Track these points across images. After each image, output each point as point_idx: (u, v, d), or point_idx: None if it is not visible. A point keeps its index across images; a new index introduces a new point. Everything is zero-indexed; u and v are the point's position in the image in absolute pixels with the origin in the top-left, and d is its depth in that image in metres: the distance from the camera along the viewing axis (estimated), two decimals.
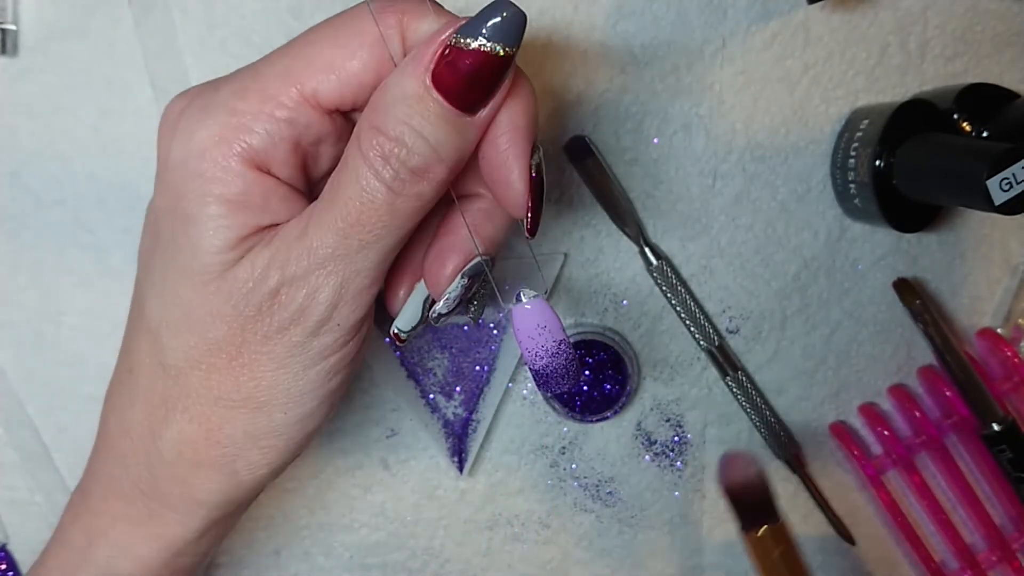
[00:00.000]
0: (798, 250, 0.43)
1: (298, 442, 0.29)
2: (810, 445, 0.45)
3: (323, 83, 0.26)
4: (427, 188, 0.26)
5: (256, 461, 0.29)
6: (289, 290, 0.26)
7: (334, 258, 0.26)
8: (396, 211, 0.25)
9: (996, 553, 0.44)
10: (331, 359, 0.28)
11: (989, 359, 0.44)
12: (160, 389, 0.28)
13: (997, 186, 0.33)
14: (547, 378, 0.29)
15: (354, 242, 0.26)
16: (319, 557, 0.44)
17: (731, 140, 0.42)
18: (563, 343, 0.28)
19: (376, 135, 0.25)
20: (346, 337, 0.28)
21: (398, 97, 0.25)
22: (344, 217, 0.25)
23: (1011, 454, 0.41)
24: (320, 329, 0.27)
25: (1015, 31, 0.42)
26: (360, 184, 0.25)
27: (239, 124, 0.26)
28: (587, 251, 0.43)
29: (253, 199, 0.26)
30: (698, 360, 0.44)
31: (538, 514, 0.45)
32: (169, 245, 0.27)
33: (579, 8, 0.40)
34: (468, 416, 0.44)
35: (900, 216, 0.39)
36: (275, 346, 0.27)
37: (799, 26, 0.41)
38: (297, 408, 0.28)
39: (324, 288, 0.26)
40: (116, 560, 0.30)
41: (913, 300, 0.42)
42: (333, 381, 0.29)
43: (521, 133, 0.26)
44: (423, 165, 0.25)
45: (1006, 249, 0.44)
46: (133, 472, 0.29)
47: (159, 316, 0.28)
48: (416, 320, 0.31)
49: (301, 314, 0.26)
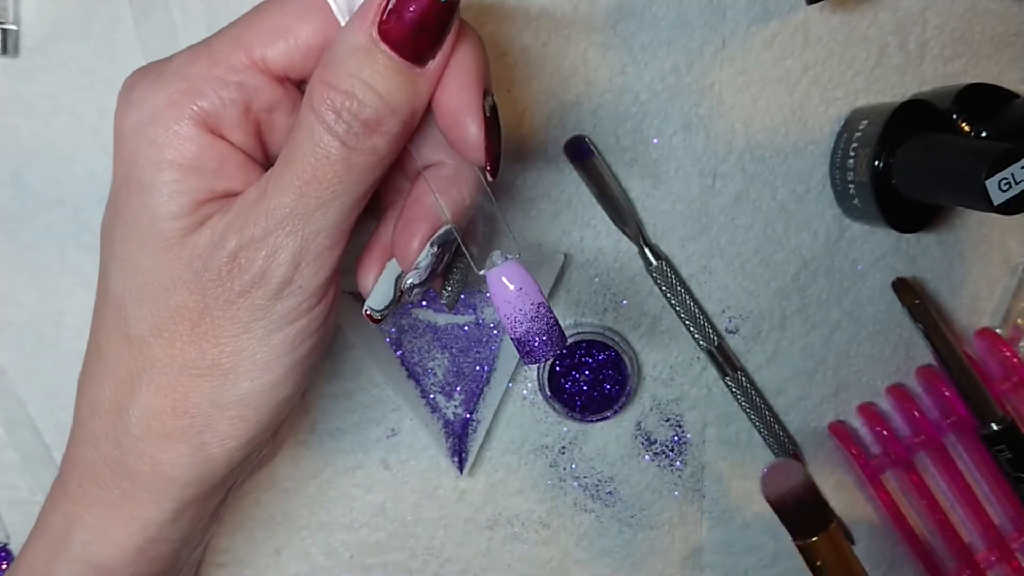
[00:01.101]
0: (797, 250, 0.43)
1: (268, 413, 0.29)
2: (809, 445, 0.45)
3: (272, 48, 0.26)
4: (381, 141, 0.26)
5: (225, 432, 0.29)
6: (248, 252, 0.26)
7: (292, 217, 0.26)
8: (351, 166, 0.26)
9: (995, 553, 0.44)
10: (296, 324, 0.28)
11: (988, 359, 0.44)
12: (126, 361, 0.28)
13: (996, 186, 0.33)
14: (529, 345, 0.28)
15: (311, 200, 0.26)
16: (319, 557, 0.44)
17: (731, 140, 0.42)
18: (541, 305, 0.28)
19: (327, 90, 0.25)
20: (311, 300, 0.27)
21: (347, 52, 0.25)
22: (300, 175, 0.25)
23: (1010, 454, 0.41)
24: (282, 291, 0.27)
25: (1014, 31, 0.42)
26: (314, 140, 0.25)
27: (189, 88, 0.26)
28: (587, 251, 0.43)
29: (207, 163, 0.26)
30: (698, 360, 0.44)
31: (538, 514, 0.45)
32: (127, 215, 0.27)
33: (579, 8, 0.40)
34: (468, 416, 0.44)
35: (899, 216, 0.39)
36: (237, 310, 0.27)
37: (799, 26, 0.41)
38: (264, 375, 0.28)
39: (283, 249, 0.26)
40: (91, 545, 0.30)
41: (912, 300, 0.42)
42: (301, 348, 0.28)
43: (471, 76, 0.27)
44: (375, 117, 0.25)
45: (1005, 249, 0.44)
46: (103, 451, 0.29)
47: (122, 287, 0.27)
48: (388, 298, 0.31)
49: (262, 276, 0.26)
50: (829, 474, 0.45)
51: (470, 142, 0.27)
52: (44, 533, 0.31)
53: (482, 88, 0.27)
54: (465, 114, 0.27)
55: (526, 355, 0.28)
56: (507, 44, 0.41)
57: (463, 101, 0.27)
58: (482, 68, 0.27)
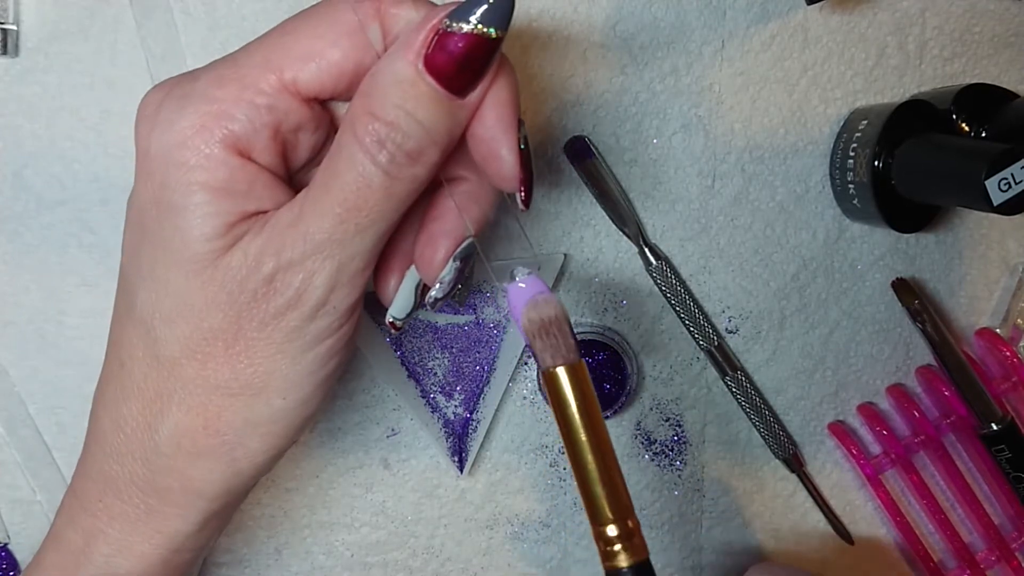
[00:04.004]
0: (797, 250, 0.43)
1: (296, 427, 0.29)
2: (809, 444, 0.45)
3: (302, 71, 0.26)
4: (422, 171, 0.26)
5: (256, 448, 0.29)
6: (285, 275, 0.26)
7: (331, 243, 0.26)
8: (392, 195, 0.26)
9: (995, 552, 0.44)
10: (327, 342, 0.28)
11: (987, 359, 0.45)
12: (155, 381, 0.28)
13: (996, 186, 0.33)
14: None
15: (351, 226, 0.26)
16: (320, 556, 0.44)
17: (730, 140, 0.42)
18: None
19: (371, 120, 0.25)
20: (341, 320, 0.28)
21: (391, 82, 0.25)
22: (341, 202, 0.25)
23: (1009, 453, 0.42)
24: (316, 313, 0.27)
25: (1013, 32, 0.42)
26: (357, 169, 0.25)
27: (219, 111, 0.26)
28: (587, 251, 0.43)
29: (238, 185, 0.26)
30: (697, 360, 0.44)
31: (538, 513, 0.45)
32: (157, 236, 0.27)
33: (579, 9, 0.40)
34: (468, 416, 0.44)
35: (899, 216, 0.39)
36: (272, 331, 0.27)
37: (798, 27, 0.42)
38: (296, 393, 0.28)
39: (321, 272, 0.26)
40: (115, 559, 0.30)
41: (912, 300, 0.42)
42: (329, 365, 0.29)
43: (506, 108, 0.27)
44: (418, 148, 0.25)
45: (1004, 249, 0.44)
46: (129, 468, 0.29)
47: (151, 308, 0.27)
48: (410, 307, 0.31)
49: (298, 299, 0.26)
50: (829, 474, 0.45)
51: (506, 173, 0.27)
52: (60, 548, 0.31)
53: (516, 119, 0.27)
54: (501, 145, 0.27)
55: None
56: (507, 45, 0.41)
57: (499, 132, 0.27)
58: (516, 100, 0.27)
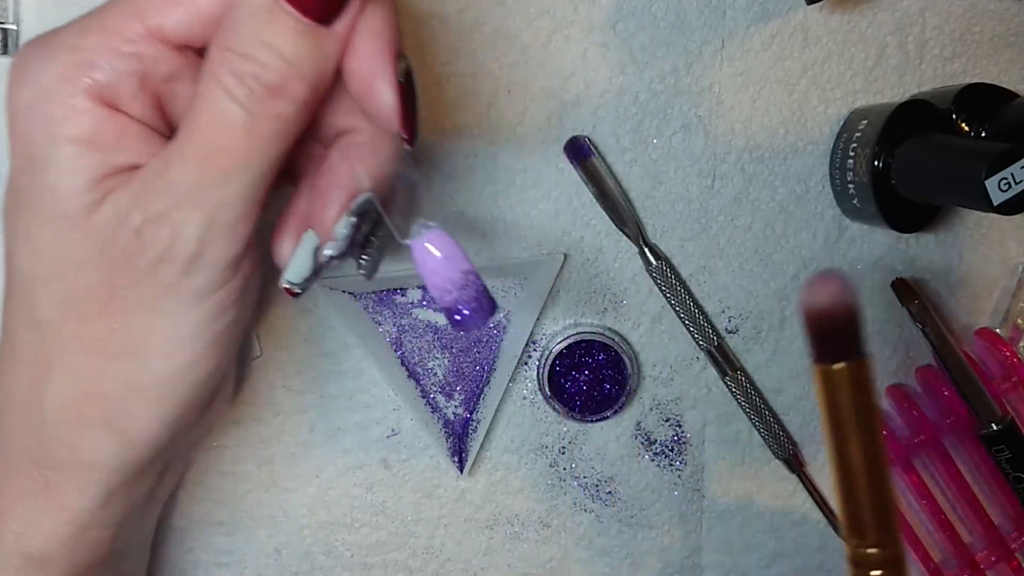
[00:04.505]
0: (797, 250, 0.43)
1: (188, 392, 0.28)
2: (809, 444, 0.45)
3: (168, 17, 0.25)
4: (287, 107, 0.25)
5: (143, 416, 0.28)
6: (153, 227, 0.25)
7: (196, 190, 0.25)
8: (256, 135, 0.24)
9: (995, 553, 0.44)
10: (209, 300, 0.27)
11: (987, 359, 0.44)
12: (37, 348, 0.27)
13: (996, 186, 0.33)
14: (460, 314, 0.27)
15: (214, 171, 0.25)
16: (320, 556, 0.44)
17: (730, 140, 0.42)
18: (470, 273, 0.27)
19: (226, 54, 0.24)
20: (222, 276, 0.27)
21: (247, 14, 0.24)
22: (202, 145, 0.24)
23: (1009, 454, 0.41)
24: (191, 267, 0.26)
25: (1013, 31, 0.42)
26: (215, 108, 0.24)
27: (82, 60, 0.25)
28: (587, 251, 0.43)
29: (105, 137, 0.25)
30: (697, 360, 0.44)
31: (538, 513, 0.45)
32: (28, 196, 0.26)
33: (579, 8, 0.40)
34: (468, 416, 0.44)
35: (898, 216, 0.39)
36: (145, 288, 0.26)
37: (798, 27, 0.41)
38: (180, 355, 0.27)
39: (189, 224, 0.25)
40: (24, 537, 0.29)
41: (911, 300, 0.42)
42: (217, 324, 0.27)
43: (381, 39, 0.25)
44: (280, 82, 0.24)
45: (1004, 249, 0.44)
46: (23, 442, 0.29)
47: (29, 270, 0.27)
48: (307, 271, 0.29)
49: (168, 253, 0.25)
50: (829, 474, 0.45)
51: (384, 109, 0.26)
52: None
53: (394, 51, 0.26)
54: (377, 79, 0.25)
55: (457, 324, 0.27)
56: (507, 45, 0.41)
57: (374, 66, 0.25)
58: (393, 30, 0.26)
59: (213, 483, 0.43)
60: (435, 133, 0.41)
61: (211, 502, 0.43)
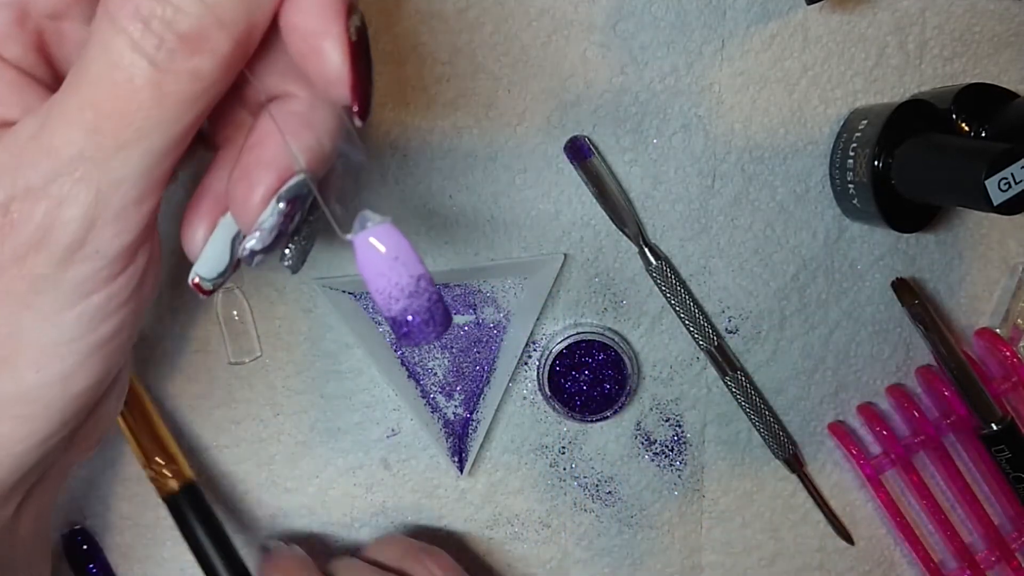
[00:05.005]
0: (797, 250, 0.43)
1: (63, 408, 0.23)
2: (809, 445, 0.45)
3: None
4: (205, 64, 0.19)
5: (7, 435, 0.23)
6: (23, 205, 0.20)
7: (83, 161, 0.20)
8: (164, 95, 0.19)
9: (995, 553, 0.44)
10: (94, 298, 0.22)
11: (987, 359, 0.44)
12: None
13: (996, 186, 0.33)
14: (408, 326, 0.23)
15: (108, 139, 0.19)
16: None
17: (730, 140, 0.42)
18: (423, 278, 0.23)
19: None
20: (111, 269, 0.22)
21: None
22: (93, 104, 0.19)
23: (1009, 454, 0.41)
24: (72, 256, 0.21)
25: (1013, 31, 0.42)
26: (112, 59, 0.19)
27: None
28: (587, 251, 0.43)
29: None
30: (697, 360, 0.44)
31: (538, 514, 0.45)
32: None
33: (579, 8, 0.40)
34: (468, 416, 0.44)
35: (898, 216, 0.39)
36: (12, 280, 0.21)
37: (798, 27, 0.41)
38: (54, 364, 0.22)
39: (72, 201, 0.20)
40: None
41: (911, 300, 0.42)
42: (102, 328, 0.22)
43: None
44: (197, 30, 0.19)
45: (1004, 249, 0.44)
46: None
47: None
48: (223, 264, 0.24)
49: (43, 237, 0.20)
50: (829, 474, 0.45)
51: (330, 74, 0.21)
52: None
53: (346, 4, 0.21)
54: (323, 38, 0.20)
55: (403, 337, 0.23)
56: (507, 44, 0.41)
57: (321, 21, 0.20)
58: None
59: (213, 483, 0.43)
60: (435, 133, 0.41)
61: (211, 502, 0.43)
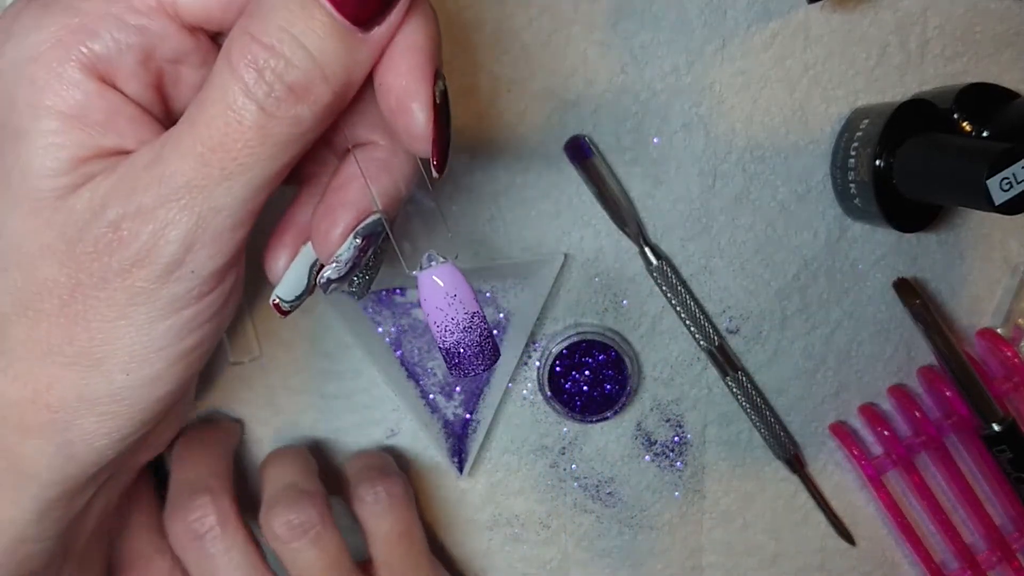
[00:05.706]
0: (798, 250, 0.43)
1: (144, 409, 0.25)
2: (810, 445, 0.45)
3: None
4: (306, 112, 0.22)
5: (92, 430, 0.25)
6: (132, 224, 0.22)
7: (190, 189, 0.22)
8: (267, 136, 0.22)
9: (996, 553, 0.44)
10: (184, 312, 0.24)
11: (989, 359, 0.44)
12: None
13: (997, 186, 0.33)
14: (459, 357, 0.25)
15: (215, 171, 0.22)
16: None
17: (731, 140, 0.42)
18: (476, 315, 0.25)
19: (249, 42, 0.21)
20: (203, 287, 0.24)
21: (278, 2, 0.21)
22: (205, 139, 0.22)
23: (1011, 454, 0.41)
24: (170, 275, 0.23)
25: (1015, 31, 0.42)
26: (226, 100, 0.22)
27: (80, 25, 0.22)
28: (587, 251, 0.43)
29: (93, 114, 0.23)
30: (698, 360, 0.44)
31: (538, 514, 0.45)
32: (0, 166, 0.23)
33: (579, 8, 0.40)
34: (468, 416, 0.44)
35: (900, 216, 0.39)
36: (115, 292, 0.23)
37: (799, 26, 0.41)
38: (142, 368, 0.24)
39: (176, 224, 0.22)
40: None
41: (913, 300, 0.42)
42: (188, 339, 0.25)
43: (422, 55, 0.23)
44: (303, 82, 0.22)
45: (1006, 249, 0.44)
46: None
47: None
48: (301, 288, 0.27)
49: (147, 254, 0.23)
50: (830, 475, 0.45)
51: (416, 131, 0.24)
52: None
53: (434, 70, 0.24)
54: (412, 99, 0.23)
55: (454, 368, 0.26)
56: (507, 44, 0.41)
57: (411, 83, 0.23)
58: (435, 47, 0.24)
59: None
60: None
61: None
